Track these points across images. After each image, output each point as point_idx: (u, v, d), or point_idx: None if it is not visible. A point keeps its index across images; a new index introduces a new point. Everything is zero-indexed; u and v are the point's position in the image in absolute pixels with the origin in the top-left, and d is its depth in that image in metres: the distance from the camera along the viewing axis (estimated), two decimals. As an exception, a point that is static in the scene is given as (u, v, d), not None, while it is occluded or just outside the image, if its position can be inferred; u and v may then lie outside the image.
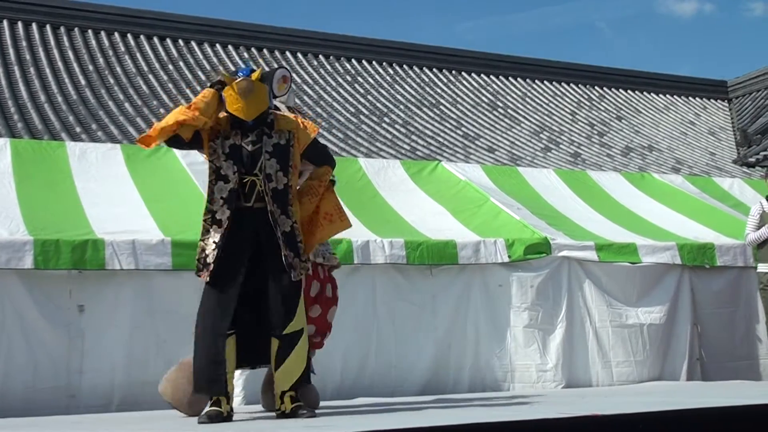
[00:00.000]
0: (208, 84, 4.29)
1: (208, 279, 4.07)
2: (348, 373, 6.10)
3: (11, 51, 16.71)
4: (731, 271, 7.26)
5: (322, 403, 5.16)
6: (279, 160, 4.18)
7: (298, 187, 4.36)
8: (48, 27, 18.02)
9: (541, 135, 19.79)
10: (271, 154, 4.17)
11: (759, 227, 6.81)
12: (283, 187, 4.17)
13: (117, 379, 5.49)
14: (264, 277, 4.12)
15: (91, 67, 17.19)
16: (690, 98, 24.85)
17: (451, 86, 21.67)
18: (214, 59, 19.29)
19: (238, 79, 4.15)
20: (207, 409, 4.02)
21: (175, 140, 4.20)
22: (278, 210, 4.14)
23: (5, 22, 17.57)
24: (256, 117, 4.18)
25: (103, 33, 18.57)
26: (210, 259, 4.06)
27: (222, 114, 4.23)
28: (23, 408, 5.25)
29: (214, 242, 4.07)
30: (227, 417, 4.04)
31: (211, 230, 4.09)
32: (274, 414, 4.31)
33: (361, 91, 19.98)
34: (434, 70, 22.16)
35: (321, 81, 19.89)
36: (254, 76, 4.19)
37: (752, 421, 3.47)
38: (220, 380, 4.04)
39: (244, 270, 4.08)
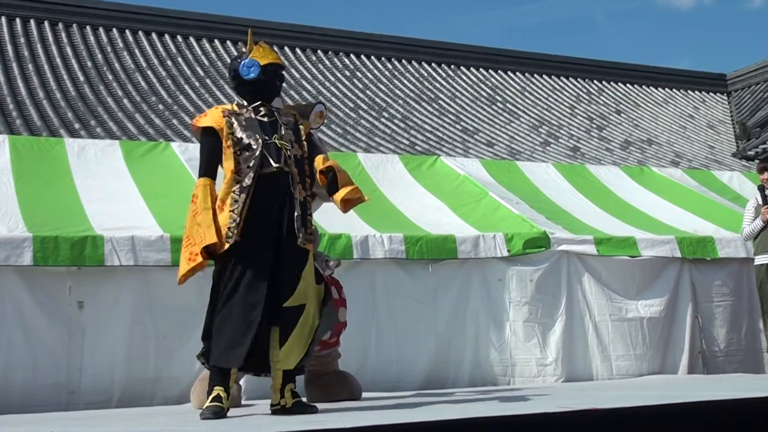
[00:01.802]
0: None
1: (231, 242, 3.99)
2: (348, 368, 6.09)
3: (9, 47, 16.70)
4: (732, 263, 7.27)
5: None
6: (294, 133, 4.28)
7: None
8: (46, 23, 18.01)
9: (540, 129, 19.78)
10: (286, 126, 4.27)
11: (754, 220, 6.83)
12: (300, 157, 4.24)
13: (117, 375, 5.49)
14: (281, 241, 4.09)
15: (89, 64, 17.18)
16: (689, 92, 24.84)
17: (450, 81, 21.66)
18: (213, 55, 19.28)
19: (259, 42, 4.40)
20: (208, 404, 3.97)
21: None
22: (298, 176, 4.17)
23: (3, 19, 17.56)
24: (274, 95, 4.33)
25: (101, 29, 18.56)
26: (232, 223, 4.02)
27: (223, 107, 4.31)
28: (23, 404, 5.26)
29: (238, 206, 4.03)
30: (226, 412, 4.02)
31: (239, 199, 4.06)
32: (265, 411, 4.29)
33: (360, 86, 19.97)
34: (433, 64, 22.14)
35: (320, 76, 19.88)
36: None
37: (752, 414, 3.48)
38: (240, 354, 3.98)
39: (273, 237, 4.06)
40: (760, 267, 6.76)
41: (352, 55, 21.30)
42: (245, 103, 4.30)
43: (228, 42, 19.83)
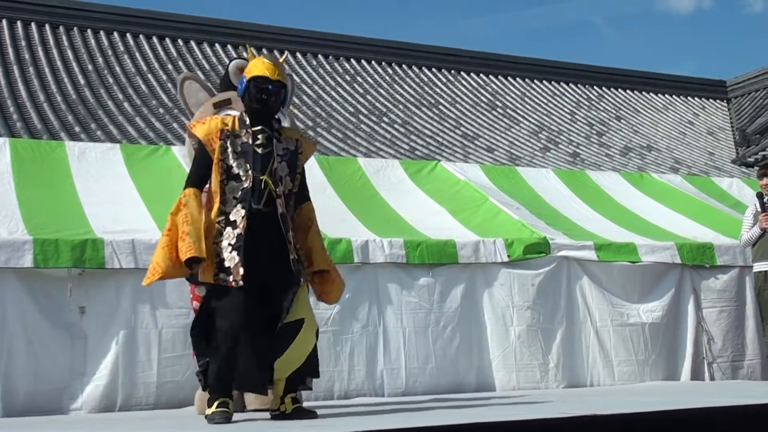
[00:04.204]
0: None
1: (235, 285, 3.90)
2: (358, 372, 6.10)
3: (10, 50, 16.70)
4: (735, 268, 7.28)
5: (326, 403, 5.18)
6: (288, 164, 4.15)
7: None
8: (47, 26, 18.02)
9: (540, 135, 19.79)
10: (281, 157, 4.13)
11: (753, 227, 6.82)
12: (289, 192, 4.14)
13: (118, 379, 5.48)
14: (271, 281, 4.02)
15: (90, 67, 17.18)
16: (689, 98, 24.87)
17: (450, 86, 21.68)
18: (213, 59, 19.29)
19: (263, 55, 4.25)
20: (215, 410, 3.93)
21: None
22: (287, 214, 4.10)
23: (4, 22, 17.57)
24: (267, 113, 4.16)
25: (102, 32, 18.57)
26: (228, 263, 3.93)
27: (226, 119, 4.16)
28: (24, 408, 5.25)
29: (230, 245, 3.95)
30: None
31: (224, 233, 3.98)
32: (265, 415, 4.29)
33: (360, 90, 19.98)
34: (433, 69, 22.16)
35: (320, 80, 19.89)
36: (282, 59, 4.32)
37: (754, 421, 3.48)
38: (260, 383, 3.99)
39: (261, 274, 3.97)
40: (759, 274, 6.76)
41: (352, 60, 21.32)
42: (247, 122, 4.15)
43: (228, 46, 19.84)
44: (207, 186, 4.16)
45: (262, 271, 3.97)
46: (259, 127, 4.12)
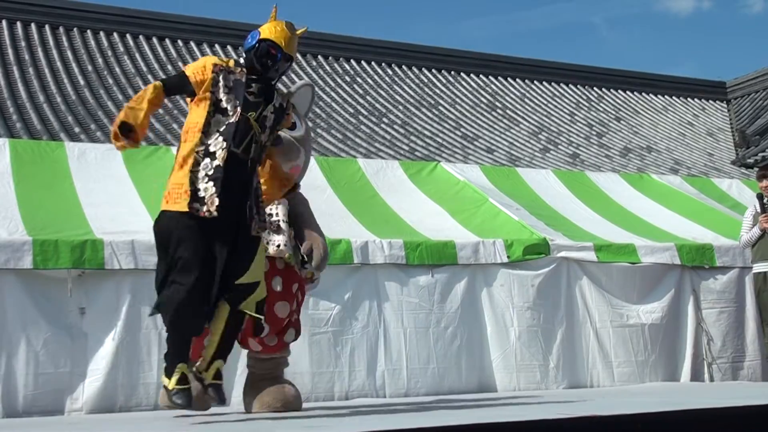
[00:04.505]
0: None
1: (208, 215, 3.82)
2: (358, 373, 6.11)
3: (10, 51, 16.70)
4: (734, 269, 7.28)
5: (327, 404, 5.17)
6: (275, 118, 4.16)
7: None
8: (47, 27, 18.02)
9: (539, 136, 19.80)
10: (273, 110, 4.14)
11: (752, 228, 6.83)
12: (264, 144, 4.13)
13: (118, 379, 5.48)
14: (239, 220, 3.97)
15: (89, 68, 17.19)
16: (688, 99, 24.87)
17: (450, 87, 21.68)
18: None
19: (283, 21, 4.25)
20: (175, 386, 3.85)
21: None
22: (257, 162, 4.11)
23: (4, 23, 17.57)
24: (265, 77, 4.16)
25: (102, 33, 18.57)
26: (203, 193, 3.85)
27: (221, 59, 4.14)
28: (25, 409, 5.26)
29: (207, 175, 3.87)
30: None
31: (202, 163, 3.89)
32: (266, 415, 4.29)
33: (360, 91, 19.99)
34: (433, 70, 22.16)
35: (320, 81, 19.89)
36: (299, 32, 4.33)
37: (753, 422, 3.48)
38: (200, 325, 3.97)
39: (231, 209, 3.91)
40: (758, 275, 6.76)
41: (352, 61, 21.33)
42: (243, 64, 4.16)
43: (228, 47, 19.84)
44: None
45: (233, 207, 3.92)
46: (254, 76, 4.12)
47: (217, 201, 3.83)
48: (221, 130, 3.96)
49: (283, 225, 4.66)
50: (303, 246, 4.71)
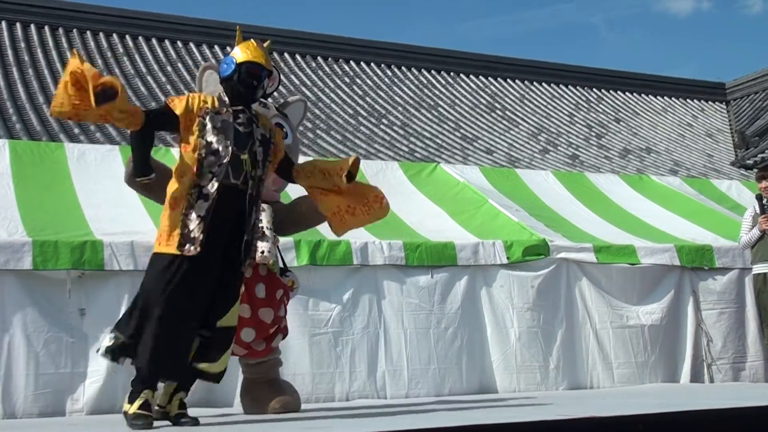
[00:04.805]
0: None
1: (195, 253, 3.86)
2: (358, 374, 6.10)
3: (10, 52, 16.70)
4: (734, 270, 7.29)
5: (327, 405, 5.16)
6: (264, 150, 4.14)
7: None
8: (46, 28, 18.02)
9: (539, 137, 19.80)
10: (260, 141, 4.13)
11: (752, 229, 6.82)
12: (260, 177, 4.13)
13: (118, 381, 5.47)
14: (225, 254, 4.02)
15: (89, 69, 17.16)
16: (688, 100, 24.88)
17: (450, 88, 21.69)
18: (213, 61, 19.28)
19: (252, 40, 4.23)
20: (136, 410, 3.85)
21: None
22: (257, 197, 4.11)
23: (3, 24, 17.57)
24: (251, 99, 4.17)
25: (101, 34, 18.57)
26: (196, 233, 3.88)
27: (205, 98, 4.12)
28: (24, 410, 5.26)
29: (198, 216, 3.90)
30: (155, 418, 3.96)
31: (195, 204, 3.92)
32: (262, 418, 4.28)
33: (360, 92, 19.99)
34: (432, 71, 22.17)
35: (319, 82, 19.90)
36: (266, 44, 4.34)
37: (752, 423, 3.48)
38: (181, 371, 3.99)
39: (219, 245, 3.96)
40: (758, 276, 6.75)
41: (351, 62, 21.33)
42: (226, 102, 4.13)
43: (228, 48, 19.76)
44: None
45: (221, 243, 3.97)
46: (240, 107, 4.12)
47: (201, 237, 3.88)
48: (214, 171, 3.97)
49: (267, 232, 4.66)
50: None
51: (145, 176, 4.10)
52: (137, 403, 3.88)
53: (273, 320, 4.69)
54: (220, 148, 3.98)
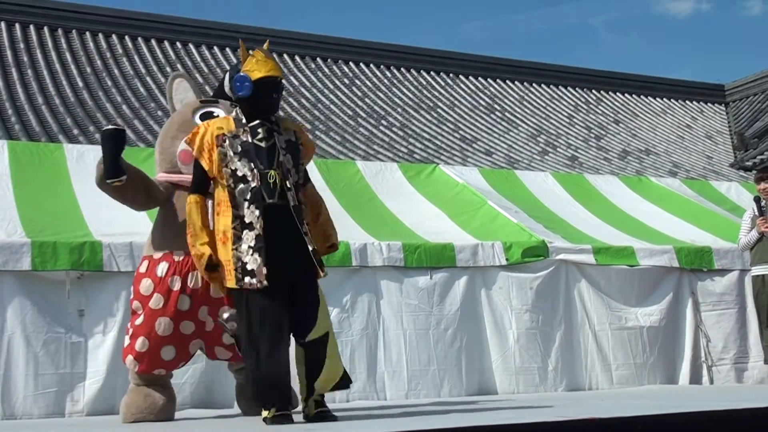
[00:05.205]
0: None
1: (260, 287, 3.81)
2: (358, 375, 6.10)
3: (9, 53, 16.71)
4: (733, 272, 7.29)
5: (329, 406, 5.13)
6: (292, 156, 4.07)
7: None
8: (46, 29, 18.02)
9: (538, 138, 19.81)
10: (285, 149, 4.04)
11: (750, 231, 6.82)
12: (296, 183, 4.05)
13: (117, 382, 5.47)
14: (294, 276, 3.94)
15: (88, 69, 17.19)
16: (687, 102, 24.90)
17: (449, 89, 21.70)
18: (212, 62, 19.30)
19: (255, 50, 4.11)
20: (274, 413, 3.82)
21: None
22: (299, 206, 4.02)
23: (3, 24, 17.57)
24: (272, 110, 4.10)
25: (100, 35, 18.58)
26: (251, 266, 3.82)
27: (220, 122, 4.09)
28: (24, 411, 5.26)
29: (249, 247, 3.84)
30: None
31: (243, 236, 3.87)
32: (256, 418, 4.28)
33: (359, 93, 19.99)
34: (432, 73, 22.18)
35: (318, 83, 19.90)
36: (265, 46, 4.21)
37: (751, 425, 3.48)
38: (286, 391, 3.94)
39: (284, 271, 3.88)
40: (757, 278, 6.75)
41: (351, 63, 21.34)
42: (243, 120, 4.04)
43: (227, 49, 19.85)
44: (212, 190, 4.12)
45: (285, 267, 3.89)
46: (257, 122, 4.03)
47: (265, 270, 3.82)
48: (248, 198, 3.91)
49: None
50: None
51: (116, 178, 4.10)
52: (273, 408, 3.83)
53: None
54: (247, 172, 3.93)
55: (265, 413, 3.86)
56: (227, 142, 3.98)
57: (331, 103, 19.00)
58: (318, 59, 21.01)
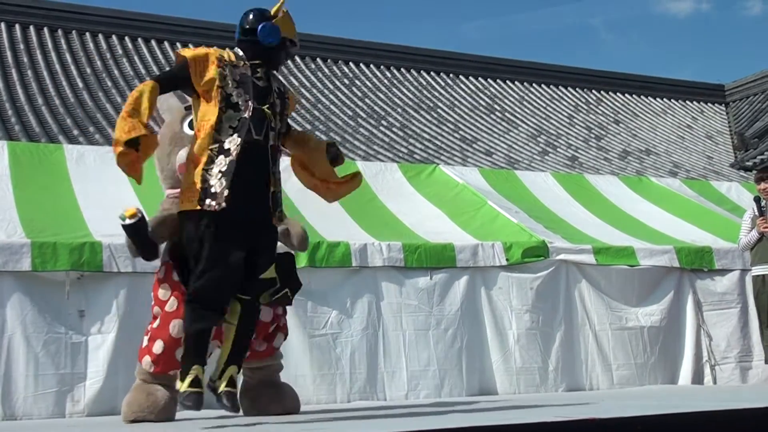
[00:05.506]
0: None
1: (218, 208, 3.77)
2: (358, 375, 6.11)
3: (9, 54, 16.71)
4: (733, 272, 7.28)
5: (328, 407, 5.15)
6: (282, 103, 4.14)
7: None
8: (46, 30, 18.03)
9: (538, 138, 19.81)
10: (277, 94, 4.12)
11: (750, 231, 6.82)
12: (280, 131, 4.11)
13: (118, 382, 5.47)
14: (253, 211, 3.94)
15: (88, 70, 17.19)
16: (687, 102, 24.90)
17: (449, 89, 21.70)
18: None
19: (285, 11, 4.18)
20: (187, 388, 3.77)
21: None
22: (278, 150, 4.07)
23: (3, 25, 17.58)
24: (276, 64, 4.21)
25: (100, 36, 18.58)
26: (217, 188, 3.79)
27: (223, 51, 4.11)
28: (24, 411, 5.26)
29: (220, 171, 3.81)
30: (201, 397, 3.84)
31: (216, 160, 3.84)
32: (262, 420, 4.27)
33: (359, 94, 20.00)
34: (432, 73, 22.19)
35: (318, 84, 19.91)
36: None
37: (752, 425, 3.48)
38: (226, 301, 3.92)
39: (245, 202, 3.86)
40: (757, 278, 6.75)
41: (351, 63, 21.34)
42: (243, 56, 4.10)
43: (227, 49, 19.82)
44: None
45: (246, 198, 3.88)
46: (257, 61, 4.10)
47: (226, 193, 3.80)
48: (235, 126, 3.92)
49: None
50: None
51: (155, 258, 4.27)
52: (188, 380, 3.80)
53: (272, 318, 4.70)
54: (240, 102, 3.95)
55: (180, 384, 3.81)
56: (228, 68, 4.02)
57: (331, 104, 19.00)
58: (318, 59, 21.01)
